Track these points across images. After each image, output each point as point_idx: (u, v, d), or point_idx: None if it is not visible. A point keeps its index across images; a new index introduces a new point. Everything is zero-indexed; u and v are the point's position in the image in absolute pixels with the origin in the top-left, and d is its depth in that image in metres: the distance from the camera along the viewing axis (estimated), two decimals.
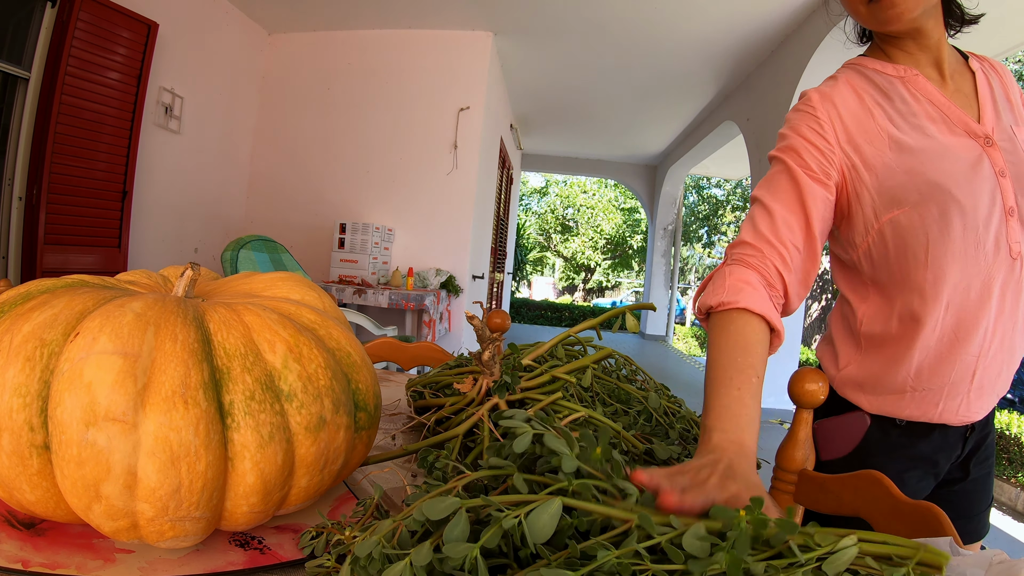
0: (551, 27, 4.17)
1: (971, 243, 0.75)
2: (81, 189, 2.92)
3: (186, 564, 0.47)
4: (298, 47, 4.49)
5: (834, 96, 0.80)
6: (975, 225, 0.74)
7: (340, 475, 0.55)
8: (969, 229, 0.74)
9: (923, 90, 0.78)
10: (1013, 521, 4.30)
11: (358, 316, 3.26)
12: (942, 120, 0.77)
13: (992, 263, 0.74)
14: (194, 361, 0.44)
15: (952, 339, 0.77)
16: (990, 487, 0.89)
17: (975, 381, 0.78)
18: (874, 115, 0.79)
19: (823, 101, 0.79)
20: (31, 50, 2.75)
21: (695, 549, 0.33)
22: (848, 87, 0.81)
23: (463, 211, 4.29)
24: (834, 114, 0.79)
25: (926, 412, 0.81)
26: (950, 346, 0.77)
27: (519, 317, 14.61)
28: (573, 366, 0.71)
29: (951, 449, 0.83)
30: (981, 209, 0.74)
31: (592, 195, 19.67)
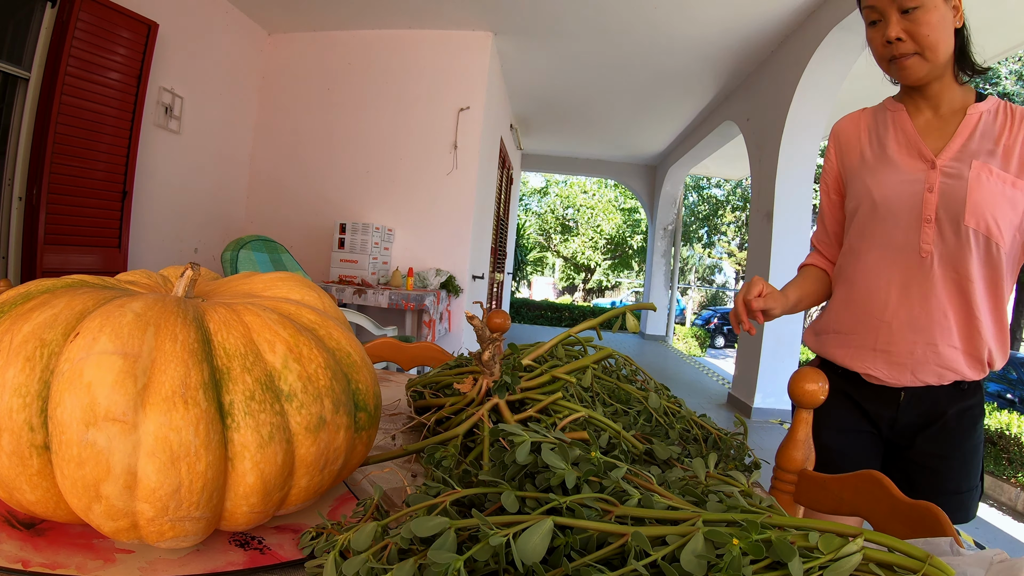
0: (551, 27, 4.17)
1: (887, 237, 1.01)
2: (81, 189, 2.91)
3: (186, 564, 0.47)
4: (298, 47, 4.49)
5: (838, 128, 1.14)
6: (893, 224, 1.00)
7: (340, 475, 0.55)
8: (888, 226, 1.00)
9: (901, 122, 1.04)
10: (1013, 521, 4.30)
11: (358, 316, 3.26)
12: (905, 144, 1.02)
13: (902, 256, 0.99)
14: (194, 361, 0.44)
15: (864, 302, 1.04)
16: (966, 473, 1.00)
17: (879, 346, 1.03)
18: (860, 137, 1.09)
19: (832, 135, 1.16)
20: (31, 50, 2.75)
21: (692, 567, 0.33)
22: (852, 117, 1.13)
23: (463, 211, 4.29)
24: (834, 142, 1.15)
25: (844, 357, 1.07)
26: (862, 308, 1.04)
27: (519, 317, 14.61)
28: (573, 366, 0.71)
29: (883, 406, 1.04)
30: (901, 214, 0.99)
31: (592, 195, 19.67)
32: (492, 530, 0.35)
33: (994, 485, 4.83)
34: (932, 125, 1.01)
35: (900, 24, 0.91)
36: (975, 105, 0.98)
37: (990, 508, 4.54)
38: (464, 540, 0.37)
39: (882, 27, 0.94)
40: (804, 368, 0.83)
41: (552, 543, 0.36)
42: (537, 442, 0.46)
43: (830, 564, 0.32)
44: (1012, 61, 10.31)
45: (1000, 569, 0.36)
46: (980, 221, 0.93)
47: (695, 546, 0.33)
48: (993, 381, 7.68)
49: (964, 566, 0.38)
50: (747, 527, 0.34)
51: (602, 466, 0.44)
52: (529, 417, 0.64)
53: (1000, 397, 7.26)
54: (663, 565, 0.33)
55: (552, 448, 0.44)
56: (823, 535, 0.34)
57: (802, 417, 0.83)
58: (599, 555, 0.36)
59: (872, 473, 0.72)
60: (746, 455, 0.78)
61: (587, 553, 0.37)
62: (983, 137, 0.96)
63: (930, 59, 0.93)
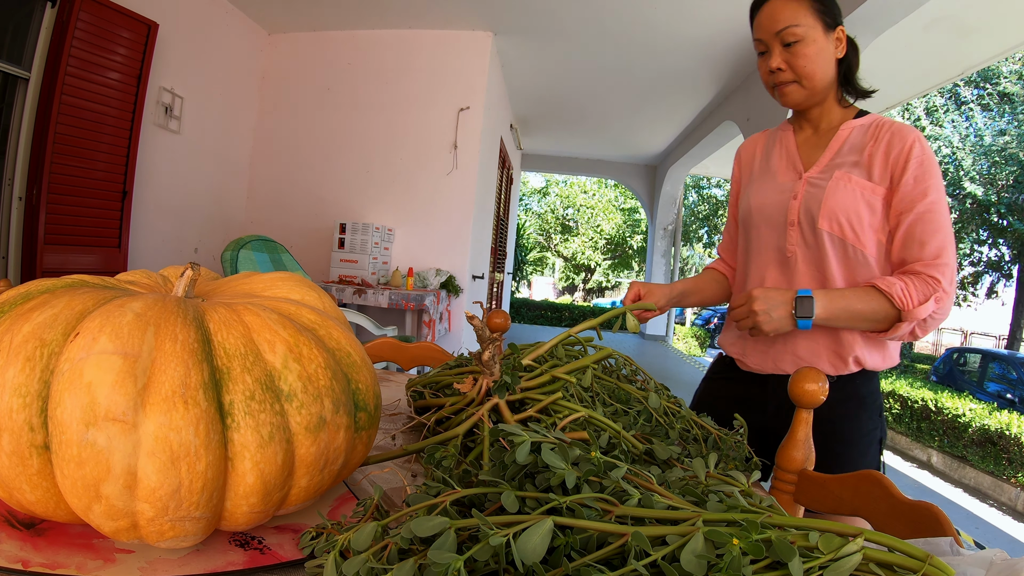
0: (551, 27, 4.17)
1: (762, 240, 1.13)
2: (81, 189, 2.91)
3: (186, 564, 0.47)
4: (298, 47, 4.49)
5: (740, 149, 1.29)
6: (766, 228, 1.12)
7: (340, 475, 0.55)
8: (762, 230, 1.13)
9: (786, 140, 1.17)
10: (1013, 521, 4.30)
11: (358, 316, 3.26)
12: (784, 159, 1.16)
13: (774, 257, 1.12)
14: (194, 361, 0.44)
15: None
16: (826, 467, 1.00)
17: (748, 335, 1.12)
18: (755, 155, 1.24)
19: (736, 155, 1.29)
20: (31, 50, 2.75)
21: (692, 567, 0.33)
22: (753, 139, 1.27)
23: (463, 211, 4.28)
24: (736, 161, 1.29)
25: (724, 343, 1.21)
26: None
27: (519, 317, 14.61)
28: (573, 366, 0.71)
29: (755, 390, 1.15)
30: (774, 218, 1.11)
31: (592, 195, 19.66)
32: (492, 530, 0.35)
33: (994, 485, 4.83)
34: (811, 142, 1.14)
35: (781, 56, 1.03)
36: (849, 122, 1.08)
37: (990, 508, 4.54)
38: (464, 540, 0.37)
39: (767, 58, 1.06)
40: (804, 368, 0.83)
41: (552, 543, 0.36)
42: (537, 442, 0.46)
43: (830, 564, 0.32)
44: (1012, 61, 10.30)
45: (1000, 569, 0.36)
46: (833, 223, 1.02)
47: (695, 546, 0.33)
48: (993, 381, 7.67)
49: (964, 566, 0.38)
50: (747, 527, 0.34)
51: (602, 466, 0.44)
52: (529, 417, 0.64)
53: (1000, 397, 7.26)
54: (663, 565, 0.33)
55: (552, 448, 0.44)
56: (823, 535, 0.34)
57: (802, 417, 0.83)
58: (599, 555, 0.36)
59: (872, 473, 0.72)
60: (745, 454, 0.78)
61: (587, 553, 0.37)
62: (850, 150, 1.06)
63: (807, 86, 1.04)
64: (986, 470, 4.95)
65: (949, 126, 11.40)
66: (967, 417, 5.29)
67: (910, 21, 3.28)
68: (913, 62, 4.19)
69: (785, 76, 1.04)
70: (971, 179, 10.81)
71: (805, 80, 1.04)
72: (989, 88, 10.77)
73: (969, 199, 10.95)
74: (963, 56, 4.05)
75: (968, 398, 5.85)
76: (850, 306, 0.96)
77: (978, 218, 11.17)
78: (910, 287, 0.94)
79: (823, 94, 1.07)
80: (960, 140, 11.18)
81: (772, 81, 1.07)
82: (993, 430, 4.95)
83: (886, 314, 0.95)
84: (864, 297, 0.96)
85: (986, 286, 12.57)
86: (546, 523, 0.35)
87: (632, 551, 0.34)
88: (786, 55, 1.03)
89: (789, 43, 1.01)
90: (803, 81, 1.04)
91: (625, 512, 0.39)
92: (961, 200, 11.12)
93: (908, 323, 0.94)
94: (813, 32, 1.01)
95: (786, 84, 1.05)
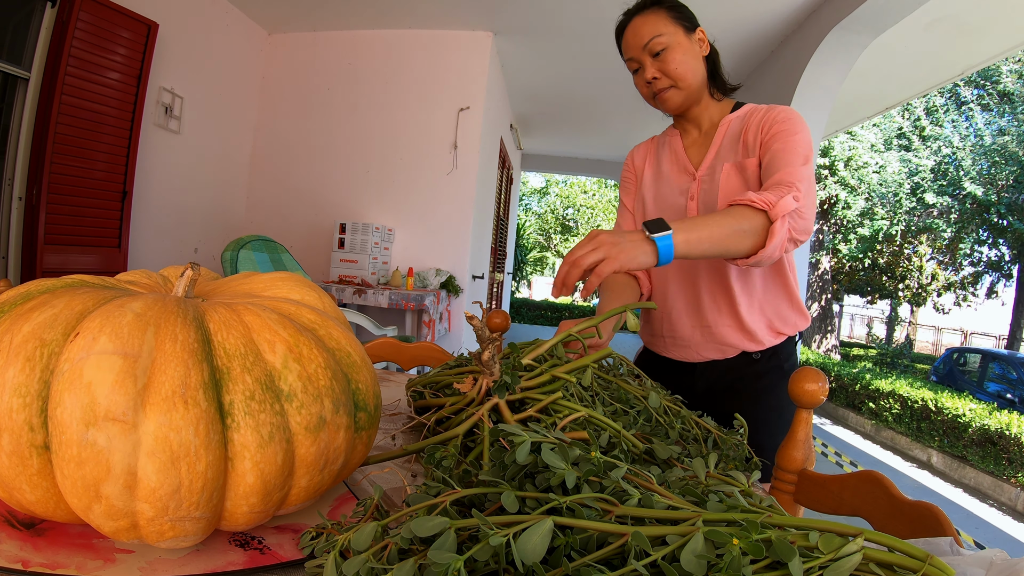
0: (551, 27, 4.17)
1: None
2: (81, 189, 2.91)
3: (186, 564, 0.47)
4: (298, 47, 4.48)
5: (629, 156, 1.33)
6: None
7: (340, 475, 0.55)
8: None
9: (674, 144, 1.23)
10: (1013, 521, 4.30)
11: (358, 316, 3.26)
12: (675, 163, 1.21)
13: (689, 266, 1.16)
14: (194, 361, 0.44)
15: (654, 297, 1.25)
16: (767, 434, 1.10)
17: (666, 332, 1.23)
18: (646, 162, 1.28)
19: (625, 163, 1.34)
20: (31, 50, 2.74)
21: (692, 567, 0.32)
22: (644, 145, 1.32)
23: (463, 211, 4.28)
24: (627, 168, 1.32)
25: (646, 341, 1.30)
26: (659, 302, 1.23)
27: (519, 317, 14.61)
28: (573, 365, 0.71)
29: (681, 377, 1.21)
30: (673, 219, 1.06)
31: (592, 195, 19.67)
32: (492, 530, 0.35)
33: (994, 485, 4.83)
34: (697, 142, 1.20)
35: (654, 66, 1.10)
36: (727, 116, 1.15)
37: (990, 508, 4.54)
38: (464, 540, 0.37)
39: (642, 72, 1.12)
40: (804, 368, 0.83)
41: (552, 543, 0.36)
42: (537, 442, 0.46)
43: (830, 564, 0.32)
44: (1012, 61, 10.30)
45: (1000, 569, 0.36)
46: None
47: (695, 546, 0.33)
48: (993, 381, 7.68)
49: (964, 566, 0.38)
50: (747, 527, 0.34)
51: (602, 466, 0.44)
52: (529, 417, 0.64)
53: (1000, 397, 7.26)
54: (663, 565, 0.33)
55: (552, 448, 0.44)
56: (823, 535, 0.34)
57: (802, 417, 0.83)
58: (599, 555, 0.36)
59: (872, 473, 0.72)
60: (745, 454, 0.78)
61: (587, 553, 0.37)
62: (731, 141, 1.12)
63: (683, 88, 1.11)
64: (986, 470, 4.95)
65: (949, 126, 11.40)
66: (967, 417, 5.29)
67: (910, 21, 3.28)
68: (913, 62, 4.19)
69: (662, 83, 1.11)
70: (971, 179, 10.81)
71: (680, 82, 1.10)
72: (989, 88, 10.77)
73: (969, 199, 10.94)
74: (963, 56, 4.05)
75: (968, 398, 5.85)
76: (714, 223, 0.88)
77: (978, 218, 11.17)
78: (763, 193, 0.92)
79: (699, 93, 1.14)
80: (960, 140, 11.17)
81: (651, 92, 1.13)
82: (993, 430, 4.95)
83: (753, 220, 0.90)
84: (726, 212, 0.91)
85: (986, 286, 12.58)
86: (546, 523, 0.35)
87: (632, 551, 0.34)
88: (658, 64, 1.09)
89: (657, 52, 1.09)
90: (679, 83, 1.10)
91: (625, 512, 0.39)
92: (961, 200, 11.12)
93: (781, 222, 0.89)
94: (676, 37, 1.08)
95: (664, 90, 1.11)
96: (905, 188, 11.30)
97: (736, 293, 1.12)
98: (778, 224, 0.91)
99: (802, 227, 0.95)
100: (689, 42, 1.10)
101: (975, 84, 10.87)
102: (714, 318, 1.16)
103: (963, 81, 10.53)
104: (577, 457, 0.44)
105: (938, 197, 11.18)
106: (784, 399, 1.11)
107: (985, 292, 12.61)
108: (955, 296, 12.83)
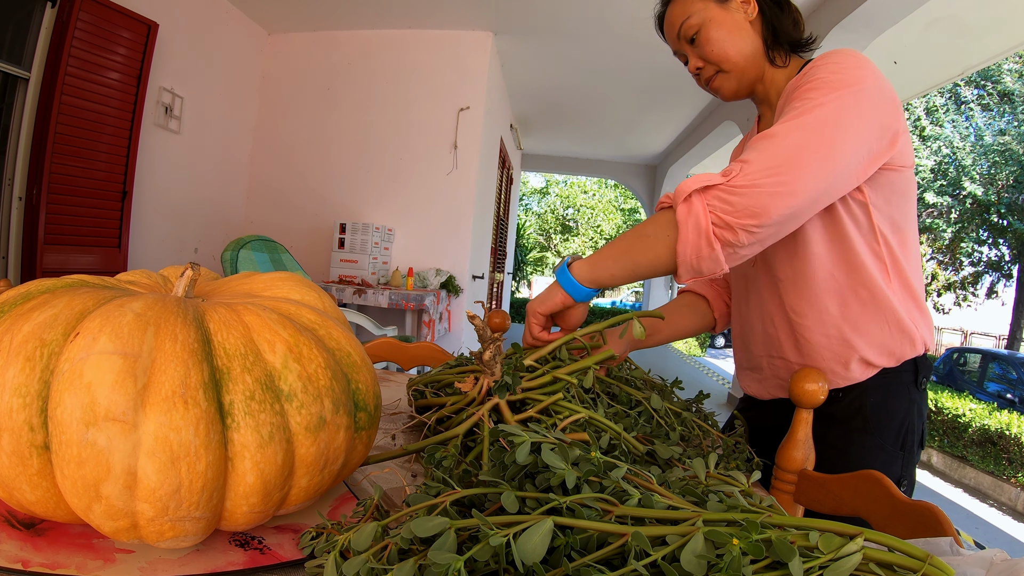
0: (551, 27, 4.17)
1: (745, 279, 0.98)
2: (81, 189, 2.91)
3: (186, 564, 0.47)
4: (298, 47, 4.48)
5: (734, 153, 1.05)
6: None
7: (340, 475, 0.55)
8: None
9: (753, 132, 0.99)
10: (1013, 521, 4.30)
11: (358, 316, 3.26)
12: None
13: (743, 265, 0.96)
14: (194, 361, 0.44)
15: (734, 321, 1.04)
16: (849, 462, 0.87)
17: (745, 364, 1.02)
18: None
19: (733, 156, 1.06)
20: (31, 50, 2.74)
21: (692, 567, 0.32)
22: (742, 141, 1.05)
23: (463, 211, 4.28)
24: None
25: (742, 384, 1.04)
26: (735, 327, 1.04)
27: (519, 317, 14.60)
28: (575, 367, 0.71)
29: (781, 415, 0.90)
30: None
31: (592, 195, 19.67)
32: (492, 530, 0.35)
33: (994, 485, 4.83)
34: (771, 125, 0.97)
35: (695, 54, 0.92)
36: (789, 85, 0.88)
37: (990, 508, 4.54)
38: (464, 540, 0.37)
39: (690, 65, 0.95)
40: (804, 368, 0.83)
41: (552, 543, 0.36)
42: (537, 442, 0.46)
43: (830, 564, 0.32)
44: (1012, 60, 10.30)
45: (1000, 569, 0.36)
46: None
47: (695, 546, 0.33)
48: (993, 381, 7.67)
49: (964, 566, 0.38)
50: (747, 527, 0.34)
51: (602, 466, 0.44)
52: (529, 417, 0.64)
53: (1000, 397, 7.25)
54: (663, 565, 0.33)
55: (552, 448, 0.44)
56: (823, 535, 0.34)
57: (802, 417, 0.83)
58: (599, 555, 0.36)
59: (872, 473, 0.72)
60: (746, 455, 0.78)
61: (587, 553, 0.37)
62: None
63: (729, 69, 0.91)
64: (986, 470, 4.95)
65: (949, 126, 11.40)
66: (967, 417, 5.29)
67: (910, 21, 3.28)
68: (913, 62, 4.19)
69: (707, 71, 0.93)
70: (971, 179, 10.81)
71: (724, 63, 0.90)
72: (989, 88, 10.77)
73: (969, 199, 10.94)
74: (963, 56, 4.05)
75: (968, 398, 5.85)
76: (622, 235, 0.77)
77: (978, 218, 11.17)
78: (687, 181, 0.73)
79: (756, 68, 0.91)
80: (960, 140, 11.18)
81: (702, 83, 0.96)
82: (993, 430, 4.95)
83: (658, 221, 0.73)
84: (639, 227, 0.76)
85: (986, 286, 12.57)
86: (546, 523, 0.35)
87: (632, 551, 0.34)
88: (696, 50, 0.92)
89: (692, 38, 0.91)
90: (723, 65, 0.90)
91: (625, 512, 0.39)
92: (961, 200, 11.12)
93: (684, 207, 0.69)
94: (706, 13, 0.89)
95: (712, 78, 0.93)
96: None
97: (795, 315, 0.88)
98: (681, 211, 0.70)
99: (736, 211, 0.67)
100: (725, 12, 0.89)
101: (975, 84, 10.87)
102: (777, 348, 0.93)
103: (963, 81, 10.53)
104: (577, 457, 0.44)
105: (938, 197, 11.18)
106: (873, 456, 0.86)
107: (985, 292, 12.61)
108: (955, 296, 12.83)
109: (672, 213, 0.71)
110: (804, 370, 0.82)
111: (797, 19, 0.93)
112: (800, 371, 0.82)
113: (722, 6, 0.89)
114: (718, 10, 0.89)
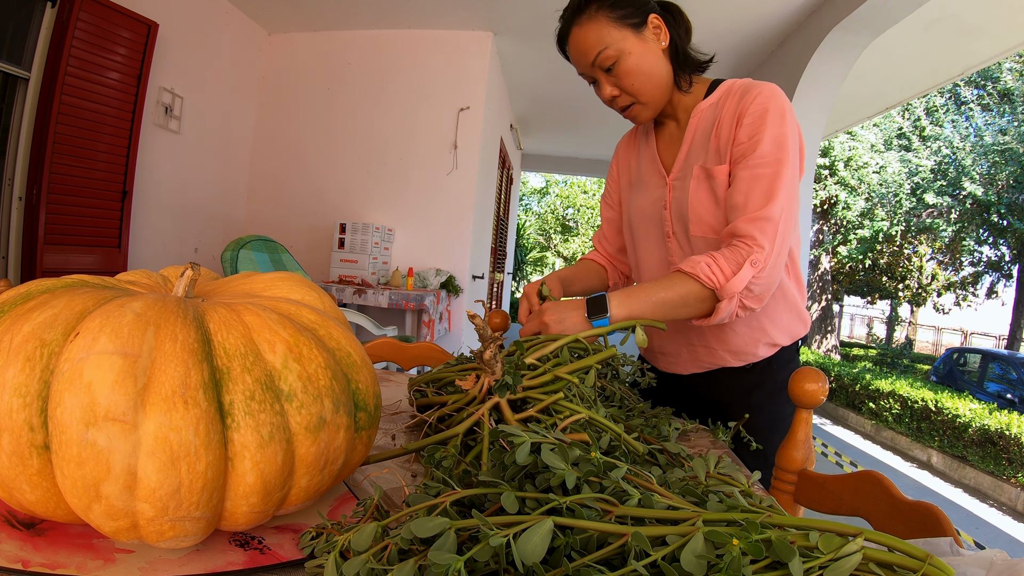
0: (551, 27, 4.14)
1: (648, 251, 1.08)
2: (81, 189, 2.91)
3: (186, 564, 0.47)
4: (298, 47, 4.48)
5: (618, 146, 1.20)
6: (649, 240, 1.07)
7: (340, 475, 0.55)
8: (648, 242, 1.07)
9: (650, 138, 1.09)
10: (1013, 521, 4.29)
11: (358, 316, 3.26)
12: (650, 161, 1.08)
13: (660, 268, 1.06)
14: (194, 361, 0.44)
15: None
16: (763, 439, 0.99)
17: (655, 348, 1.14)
18: (630, 154, 1.15)
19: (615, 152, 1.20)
20: (31, 50, 2.74)
21: (692, 567, 0.32)
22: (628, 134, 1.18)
23: (463, 211, 4.28)
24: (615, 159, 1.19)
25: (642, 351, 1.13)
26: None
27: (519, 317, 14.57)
28: (576, 366, 0.71)
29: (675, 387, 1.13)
30: (652, 231, 1.06)
31: (592, 195, 19.67)
32: (492, 530, 0.35)
33: (994, 485, 4.83)
34: (673, 137, 1.05)
35: (608, 82, 0.94)
36: (699, 105, 0.98)
37: (990, 508, 4.54)
38: (464, 540, 0.37)
39: (599, 88, 0.97)
40: (804, 368, 0.83)
41: (552, 543, 0.36)
42: (537, 443, 0.46)
43: (830, 564, 0.32)
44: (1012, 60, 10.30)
45: (1000, 569, 0.36)
46: (704, 228, 0.96)
47: (695, 546, 0.33)
48: (993, 381, 7.67)
49: (964, 566, 0.38)
50: (747, 527, 0.34)
51: (602, 466, 0.44)
52: (530, 417, 0.64)
53: (1000, 397, 7.25)
54: (663, 565, 0.33)
55: (552, 448, 0.44)
56: (823, 535, 0.34)
57: (802, 417, 0.83)
58: (599, 555, 0.36)
59: (872, 473, 0.72)
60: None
61: (587, 553, 0.37)
62: (703, 136, 0.97)
63: (646, 101, 0.96)
64: (986, 470, 4.95)
65: (949, 126, 11.40)
66: (967, 417, 5.29)
67: (910, 21, 3.28)
68: (913, 62, 4.18)
69: (623, 100, 0.96)
70: (971, 179, 10.81)
71: (641, 96, 0.95)
72: (989, 88, 10.77)
73: (969, 199, 10.94)
74: (963, 56, 4.05)
75: (968, 398, 5.85)
76: (654, 296, 0.84)
77: (978, 218, 11.17)
78: (718, 260, 0.84)
79: (667, 95, 0.98)
80: (960, 140, 11.17)
81: (616, 109, 0.99)
82: (993, 430, 4.95)
83: (700, 295, 0.85)
84: (670, 284, 0.85)
85: (986, 286, 12.57)
86: (546, 523, 0.35)
87: (632, 551, 0.34)
88: (612, 79, 0.94)
89: (608, 68, 0.93)
90: (640, 97, 0.95)
91: (625, 512, 0.39)
92: (961, 200, 11.12)
93: (728, 300, 0.84)
94: (623, 44, 0.91)
95: (628, 108, 0.97)
96: (905, 188, 11.30)
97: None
98: (724, 304, 0.84)
99: (760, 291, 0.85)
100: (642, 43, 0.92)
101: (975, 84, 10.87)
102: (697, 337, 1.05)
103: (963, 81, 10.53)
104: (577, 457, 0.44)
105: (938, 197, 11.18)
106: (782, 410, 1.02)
107: (985, 292, 12.61)
108: (955, 296, 12.83)
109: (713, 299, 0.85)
110: (804, 370, 0.82)
111: (689, 27, 0.99)
112: (800, 371, 0.82)
113: (638, 36, 0.92)
114: (635, 41, 0.91)
